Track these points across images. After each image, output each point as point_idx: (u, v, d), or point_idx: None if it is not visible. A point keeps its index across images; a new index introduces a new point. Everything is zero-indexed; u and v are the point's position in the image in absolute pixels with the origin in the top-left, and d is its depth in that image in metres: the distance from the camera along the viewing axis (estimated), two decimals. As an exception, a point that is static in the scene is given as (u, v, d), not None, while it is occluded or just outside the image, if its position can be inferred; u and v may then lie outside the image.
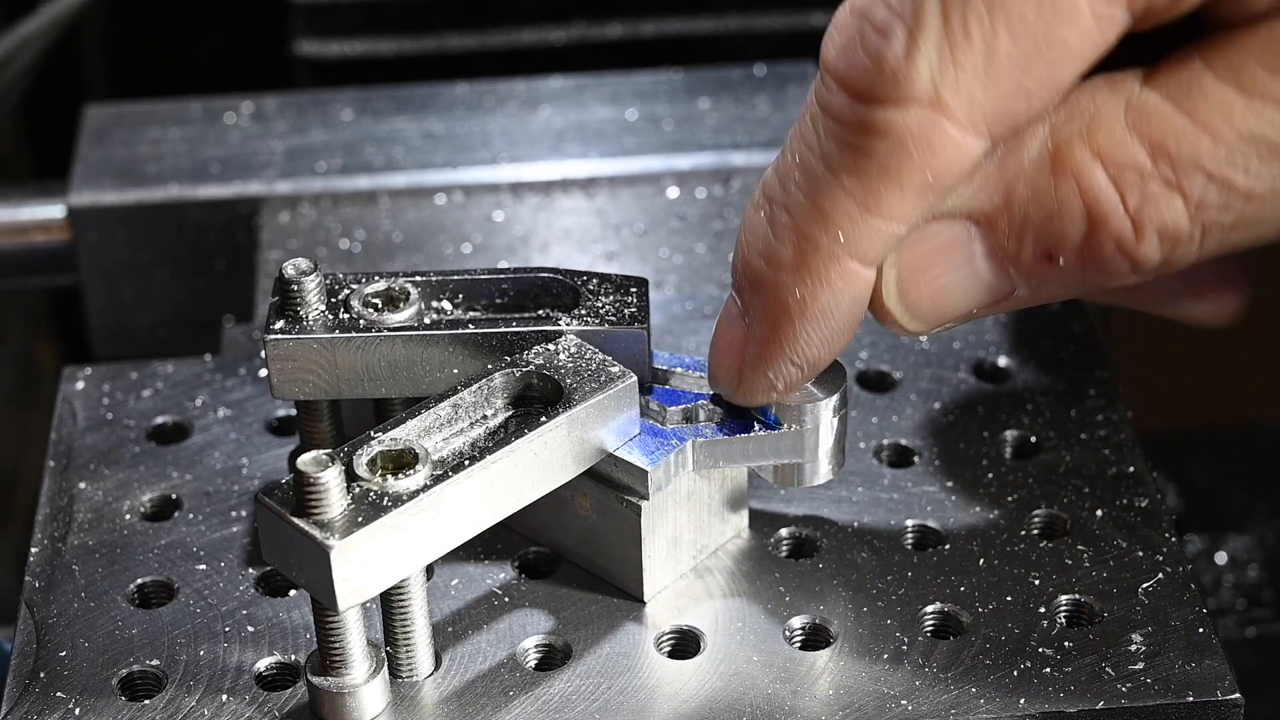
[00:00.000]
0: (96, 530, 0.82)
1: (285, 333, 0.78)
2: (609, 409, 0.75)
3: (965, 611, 0.77)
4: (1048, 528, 0.81)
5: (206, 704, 0.75)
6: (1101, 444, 0.84)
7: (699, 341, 0.90)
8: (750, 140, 1.06)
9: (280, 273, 0.78)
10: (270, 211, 1.04)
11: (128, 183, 1.05)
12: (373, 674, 0.73)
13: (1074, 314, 0.91)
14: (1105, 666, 0.75)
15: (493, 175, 1.05)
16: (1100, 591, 0.78)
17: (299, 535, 0.69)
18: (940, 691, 0.74)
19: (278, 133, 1.08)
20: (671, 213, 1.04)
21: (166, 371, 0.89)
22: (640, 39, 1.20)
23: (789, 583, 0.79)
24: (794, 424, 0.77)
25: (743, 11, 1.19)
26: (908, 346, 0.89)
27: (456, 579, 0.80)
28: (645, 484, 0.76)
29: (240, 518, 0.82)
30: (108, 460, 0.85)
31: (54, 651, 0.77)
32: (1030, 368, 0.88)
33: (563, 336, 0.77)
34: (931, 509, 0.82)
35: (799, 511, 0.82)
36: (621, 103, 1.10)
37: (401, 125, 1.08)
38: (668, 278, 1.00)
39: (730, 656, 0.76)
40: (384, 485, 0.71)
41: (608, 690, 0.75)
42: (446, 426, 0.75)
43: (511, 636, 0.77)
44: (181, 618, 0.78)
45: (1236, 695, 0.74)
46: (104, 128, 1.09)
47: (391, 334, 0.77)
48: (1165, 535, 0.80)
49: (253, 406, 0.87)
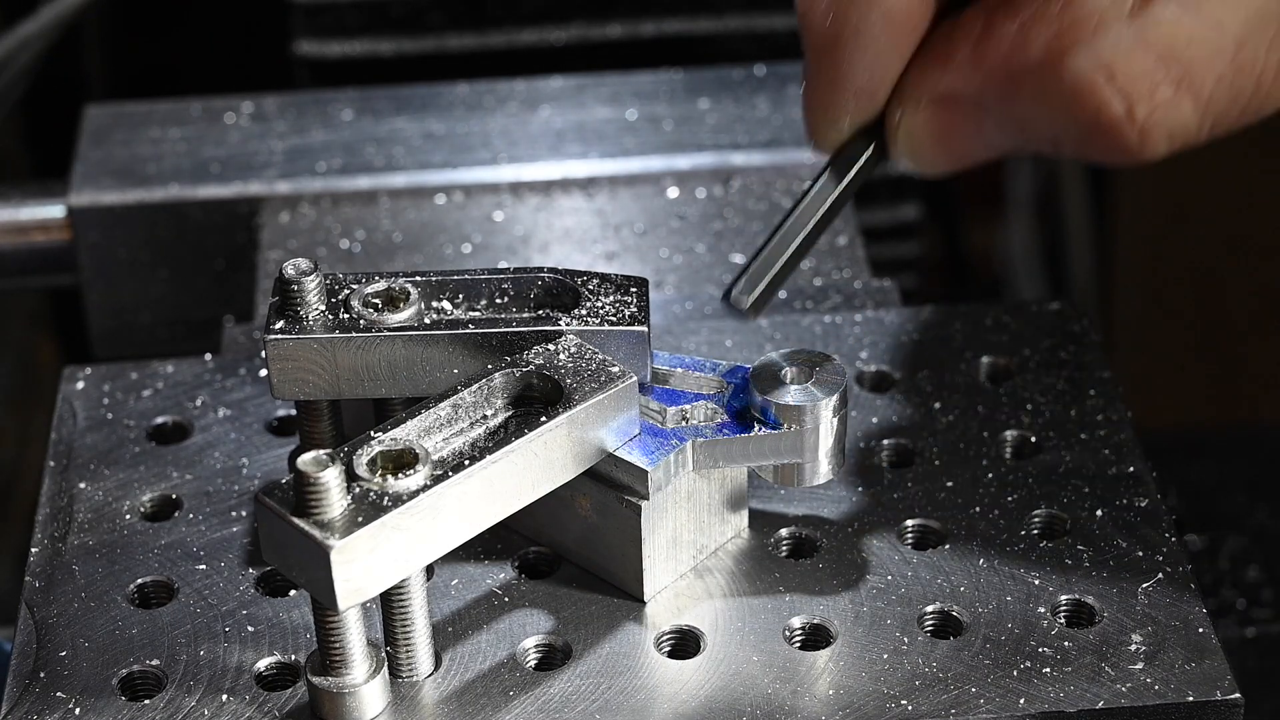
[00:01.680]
0: (96, 530, 0.82)
1: (285, 333, 0.78)
2: (609, 409, 0.75)
3: (965, 611, 0.77)
4: (1048, 528, 0.81)
5: (206, 704, 0.75)
6: (1101, 444, 0.84)
7: (699, 341, 0.90)
8: (750, 140, 1.06)
9: (280, 273, 0.78)
10: (270, 211, 1.04)
11: (128, 183, 1.05)
12: (373, 674, 0.73)
13: (1074, 314, 0.91)
14: (1105, 666, 0.75)
15: (493, 175, 1.05)
16: (1100, 591, 0.78)
17: (299, 535, 0.69)
18: (940, 691, 0.74)
19: (278, 133, 1.08)
20: (671, 213, 1.04)
21: (166, 371, 0.89)
22: (640, 39, 1.20)
23: (789, 583, 0.79)
24: (794, 424, 0.77)
25: (743, 11, 1.19)
26: (908, 346, 0.89)
27: (456, 579, 0.80)
28: (645, 484, 0.76)
29: (240, 518, 0.82)
30: (108, 460, 0.85)
31: (54, 651, 0.77)
32: (1030, 368, 0.88)
33: (563, 336, 0.77)
34: (931, 509, 0.82)
35: (799, 511, 0.82)
36: (621, 103, 1.10)
37: (401, 125, 1.08)
38: (668, 278, 1.00)
39: (730, 656, 0.76)
40: (384, 485, 0.71)
41: (608, 690, 0.75)
42: (446, 426, 0.75)
43: (511, 636, 0.77)
44: (181, 618, 0.78)
45: (1236, 695, 0.74)
46: (104, 128, 1.09)
47: (391, 334, 0.77)
48: (1165, 535, 0.80)
49: (253, 406, 0.87)
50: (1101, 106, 0.71)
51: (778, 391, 0.77)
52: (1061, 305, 0.92)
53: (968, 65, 0.73)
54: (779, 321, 0.91)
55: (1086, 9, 0.70)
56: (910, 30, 0.74)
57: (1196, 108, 0.70)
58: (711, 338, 0.90)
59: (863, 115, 0.76)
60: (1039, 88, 0.72)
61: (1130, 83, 0.70)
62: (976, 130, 0.75)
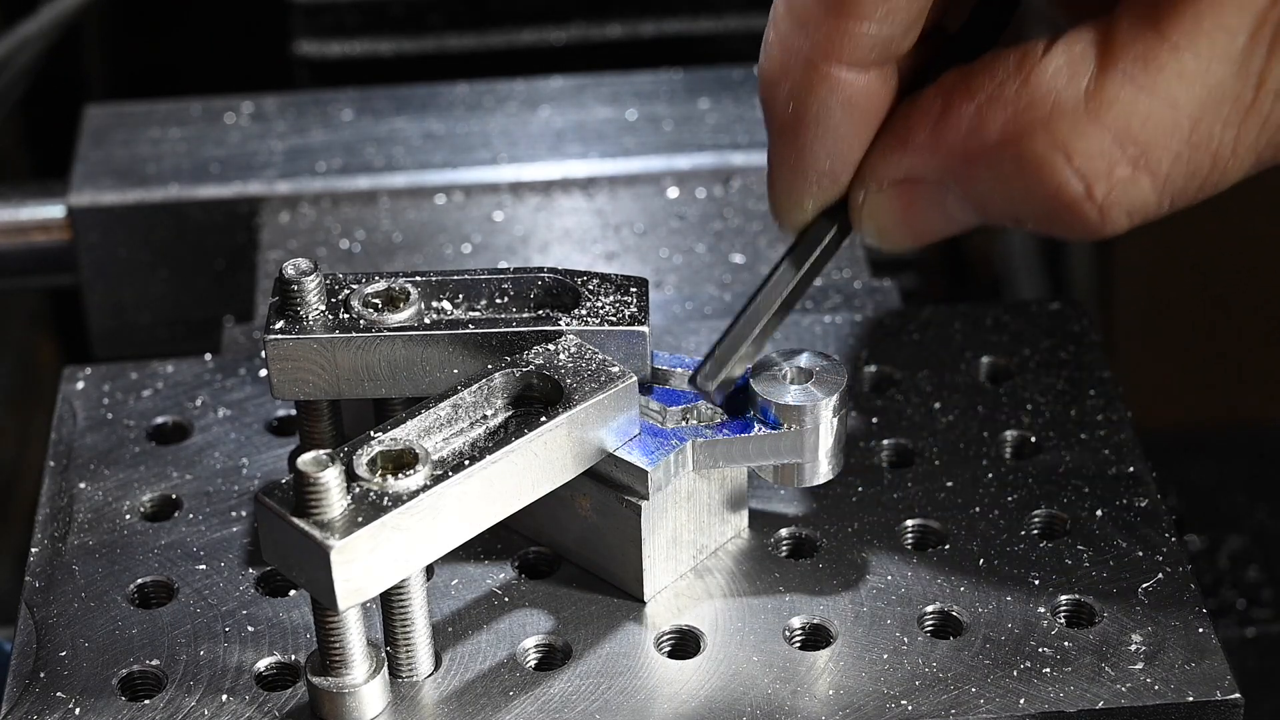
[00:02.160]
0: (96, 530, 0.82)
1: (285, 333, 0.78)
2: (609, 409, 0.75)
3: (965, 611, 0.77)
4: (1047, 528, 0.81)
5: (206, 704, 0.75)
6: (1101, 444, 0.84)
7: (699, 341, 0.90)
8: (750, 140, 1.06)
9: (280, 273, 0.78)
10: (270, 211, 1.04)
11: (128, 183, 1.05)
12: (373, 674, 0.73)
13: (1074, 314, 0.91)
14: (1105, 666, 0.75)
15: (493, 175, 1.05)
16: (1100, 591, 0.78)
17: (299, 535, 0.69)
18: (940, 691, 0.74)
19: (278, 133, 1.08)
20: (671, 213, 1.04)
21: (166, 371, 0.89)
22: (640, 39, 1.20)
23: (789, 583, 0.79)
24: (794, 424, 0.77)
25: (743, 11, 1.19)
26: (908, 346, 0.89)
27: (456, 579, 0.80)
28: (645, 484, 0.76)
29: (240, 518, 0.82)
30: (108, 460, 0.85)
31: (54, 651, 0.77)
32: (1030, 368, 0.88)
33: (563, 336, 0.77)
34: (931, 509, 0.82)
35: (799, 511, 0.82)
36: (621, 103, 1.10)
37: (401, 125, 1.08)
38: (668, 278, 1.00)
39: (730, 656, 0.76)
40: (384, 485, 0.71)
41: (608, 690, 0.75)
42: (446, 426, 0.75)
43: (511, 636, 0.77)
44: (181, 618, 0.78)
45: (1236, 695, 0.74)
46: (104, 128, 1.09)
47: (391, 334, 0.77)
48: (1165, 535, 0.80)
49: (253, 406, 0.87)
50: (1060, 187, 0.71)
51: (778, 391, 0.77)
52: (1061, 305, 0.92)
53: (926, 148, 0.73)
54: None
55: (1042, 90, 0.70)
56: (870, 115, 0.74)
57: (1155, 185, 0.70)
58: (711, 338, 0.90)
59: (826, 198, 0.76)
60: (997, 169, 0.71)
61: (1087, 163, 0.70)
62: (938, 209, 0.75)
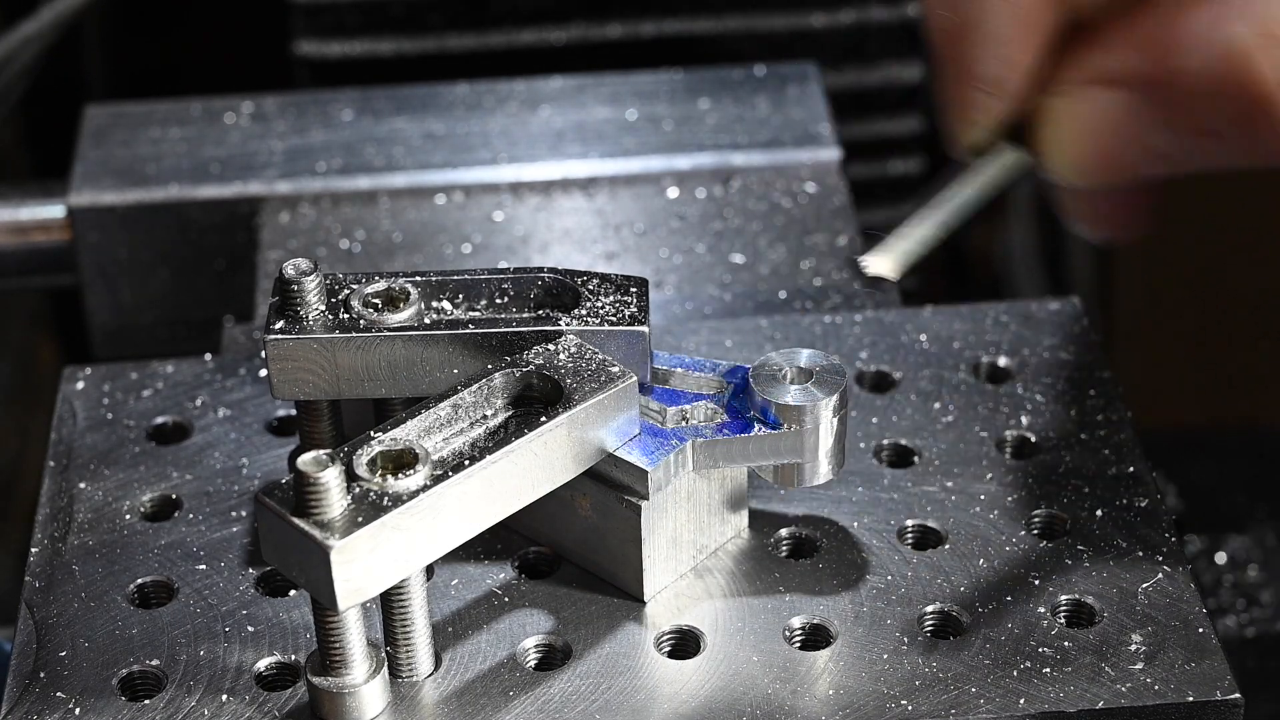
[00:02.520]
0: (96, 530, 0.82)
1: (285, 333, 0.78)
2: (609, 409, 0.75)
3: (965, 611, 0.77)
4: (1047, 528, 0.81)
5: (206, 704, 0.75)
6: (1101, 444, 0.84)
7: (699, 341, 0.90)
8: (750, 140, 1.06)
9: (280, 273, 0.78)
10: (270, 211, 1.04)
11: (128, 183, 1.05)
12: (373, 674, 0.73)
13: (1074, 314, 0.91)
14: (1105, 666, 0.75)
15: (493, 175, 1.05)
16: (1100, 591, 0.78)
17: (299, 535, 0.69)
18: (940, 691, 0.74)
19: (278, 133, 1.08)
20: (671, 213, 1.04)
21: (166, 371, 0.89)
22: (640, 39, 1.20)
23: (789, 583, 0.79)
24: (794, 424, 0.77)
25: (743, 11, 1.19)
26: (908, 346, 0.89)
27: (456, 579, 0.80)
28: (645, 484, 0.76)
29: (240, 518, 0.82)
30: (108, 460, 0.85)
31: (54, 651, 0.77)
32: (1030, 368, 0.88)
33: (563, 336, 0.77)
34: (931, 509, 0.82)
35: (799, 511, 0.82)
36: (621, 103, 1.10)
37: (401, 125, 1.08)
38: (668, 278, 1.00)
39: (730, 656, 0.76)
40: (384, 485, 0.71)
41: (608, 690, 0.75)
42: (446, 426, 0.75)
43: (511, 636, 0.77)
44: (181, 618, 0.78)
45: (1236, 695, 0.74)
46: (104, 128, 1.09)
47: (391, 334, 0.77)
48: (1165, 535, 0.80)
49: (253, 406, 0.87)
50: (1258, 79, 0.69)
51: (778, 391, 0.77)
52: (1061, 305, 0.92)
53: (1122, 42, 0.71)
54: (779, 321, 0.91)
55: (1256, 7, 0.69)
56: (1033, 13, 0.72)
57: None
58: (711, 338, 0.90)
59: (997, 111, 0.74)
60: (1196, 60, 0.70)
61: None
62: (1130, 123, 0.72)
